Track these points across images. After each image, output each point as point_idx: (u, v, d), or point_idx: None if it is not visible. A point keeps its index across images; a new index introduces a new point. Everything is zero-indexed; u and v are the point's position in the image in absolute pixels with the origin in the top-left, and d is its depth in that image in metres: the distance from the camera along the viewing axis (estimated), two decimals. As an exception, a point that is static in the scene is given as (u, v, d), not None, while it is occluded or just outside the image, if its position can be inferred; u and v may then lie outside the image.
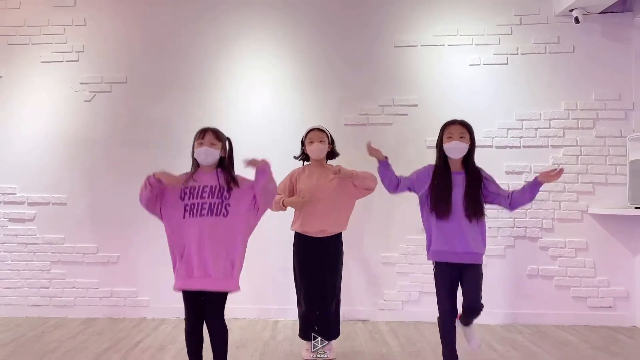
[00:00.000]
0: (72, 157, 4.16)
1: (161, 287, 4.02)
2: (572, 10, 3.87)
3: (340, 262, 3.14)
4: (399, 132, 4.05)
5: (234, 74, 4.16)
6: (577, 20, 3.84)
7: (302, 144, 3.20)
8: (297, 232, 3.15)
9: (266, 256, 3.96)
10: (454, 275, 2.70)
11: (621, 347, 3.38)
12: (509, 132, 4.03)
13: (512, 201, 2.69)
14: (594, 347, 3.38)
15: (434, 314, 2.82)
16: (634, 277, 3.92)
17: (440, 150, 2.74)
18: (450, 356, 2.75)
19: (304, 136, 3.19)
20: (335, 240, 3.11)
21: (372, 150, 2.81)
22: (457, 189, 2.66)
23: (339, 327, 3.17)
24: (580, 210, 3.97)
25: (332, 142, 3.20)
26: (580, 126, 4.00)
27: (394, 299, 4.03)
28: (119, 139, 4.15)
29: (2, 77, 4.21)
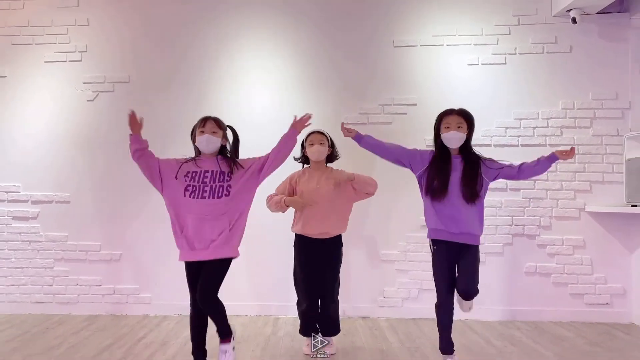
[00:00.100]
0: (75, 156, 4.20)
1: (164, 285, 4.08)
2: (569, 10, 3.92)
3: (340, 263, 3.19)
4: (399, 131, 4.08)
5: (234, 74, 4.20)
6: (574, 20, 3.88)
7: (302, 146, 3.22)
8: (297, 234, 3.18)
9: (267, 254, 4.01)
10: (451, 257, 2.75)
11: (618, 343, 3.42)
12: (507, 131, 4.07)
13: (522, 170, 2.75)
14: (591, 343, 3.42)
15: (432, 311, 2.86)
16: (631, 274, 3.96)
17: (437, 137, 2.80)
18: (446, 345, 2.79)
19: (304, 138, 3.19)
20: (336, 241, 3.15)
21: (345, 131, 2.90)
22: (455, 172, 2.72)
23: (339, 324, 3.21)
24: (577, 208, 4.02)
25: (332, 145, 3.22)
26: (577, 125, 4.04)
27: (394, 295, 4.07)
28: (121, 138, 4.15)
29: (6, 77, 4.26)
